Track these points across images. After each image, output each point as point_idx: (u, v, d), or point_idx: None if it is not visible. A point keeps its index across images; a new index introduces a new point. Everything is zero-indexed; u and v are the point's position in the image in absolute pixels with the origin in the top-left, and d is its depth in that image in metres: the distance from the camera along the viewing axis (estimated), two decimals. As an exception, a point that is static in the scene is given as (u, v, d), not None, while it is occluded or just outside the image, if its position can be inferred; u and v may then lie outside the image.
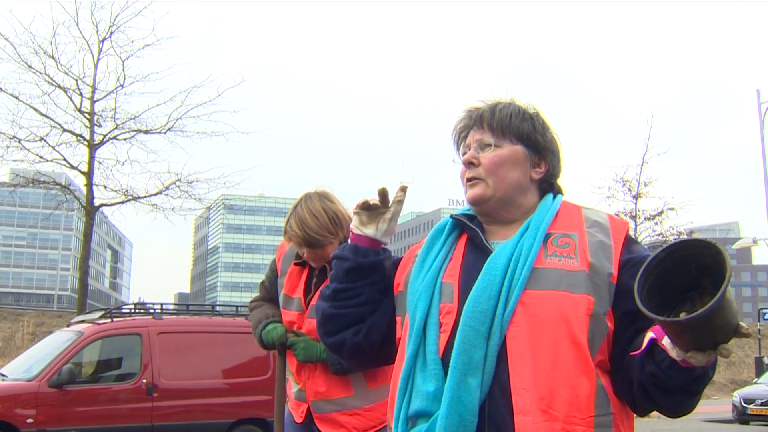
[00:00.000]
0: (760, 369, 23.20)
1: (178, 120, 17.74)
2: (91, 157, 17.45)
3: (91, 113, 17.45)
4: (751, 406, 16.24)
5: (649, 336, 1.49)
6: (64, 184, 19.17)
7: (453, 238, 1.77)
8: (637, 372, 1.52)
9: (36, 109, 16.93)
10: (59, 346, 8.68)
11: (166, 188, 17.82)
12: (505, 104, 1.78)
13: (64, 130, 17.24)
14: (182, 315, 10.48)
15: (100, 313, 9.47)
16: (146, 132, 17.75)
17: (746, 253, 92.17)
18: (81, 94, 17.37)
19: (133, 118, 17.71)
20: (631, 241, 1.68)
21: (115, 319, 9.21)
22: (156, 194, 17.90)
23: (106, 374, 9.03)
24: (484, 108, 1.78)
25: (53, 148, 17.20)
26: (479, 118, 1.77)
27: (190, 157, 42.90)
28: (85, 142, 17.46)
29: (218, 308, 11.88)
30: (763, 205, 20.78)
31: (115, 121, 17.72)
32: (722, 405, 19.57)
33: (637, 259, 1.61)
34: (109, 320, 9.10)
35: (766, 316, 27.52)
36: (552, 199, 1.74)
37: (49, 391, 8.04)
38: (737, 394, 17.17)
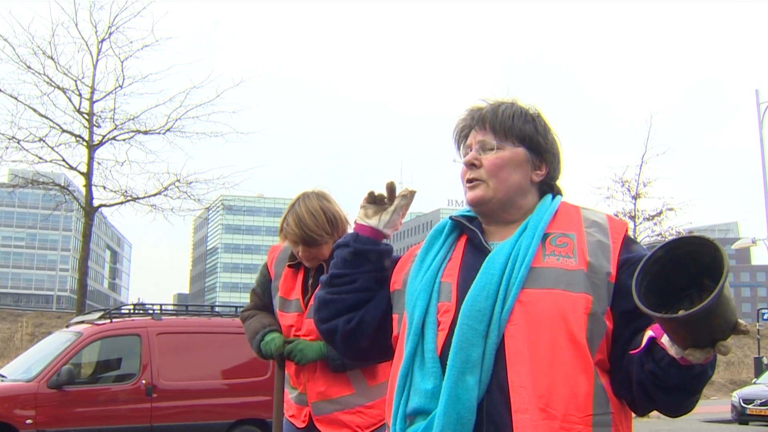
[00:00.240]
0: (759, 369, 23.16)
1: (177, 120, 17.79)
2: (90, 158, 17.46)
3: (90, 114, 17.45)
4: (750, 407, 16.24)
5: (648, 334, 1.48)
6: (63, 184, 19.16)
7: (452, 238, 1.77)
8: (636, 370, 1.52)
9: (35, 110, 16.97)
10: (58, 346, 8.67)
11: (165, 189, 17.85)
12: (508, 105, 1.77)
13: (63, 131, 17.26)
14: (181, 316, 10.46)
15: (100, 314, 9.46)
16: (145, 132, 17.77)
17: (745, 254, 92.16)
18: (80, 95, 17.39)
19: (132, 119, 17.74)
20: (630, 241, 1.68)
21: (115, 320, 9.21)
22: (155, 195, 17.95)
23: (106, 375, 9.02)
24: (487, 108, 1.77)
25: (52, 148, 17.23)
26: (481, 119, 1.76)
27: (189, 158, 42.90)
28: (84, 143, 17.47)
29: (217, 309, 11.85)
30: (762, 206, 20.77)
31: (114, 122, 17.75)
32: (721, 405, 19.57)
33: (635, 258, 1.61)
34: (109, 321, 9.10)
35: (765, 317, 27.48)
36: (551, 200, 1.74)
37: (49, 392, 8.03)
38: (736, 395, 17.16)
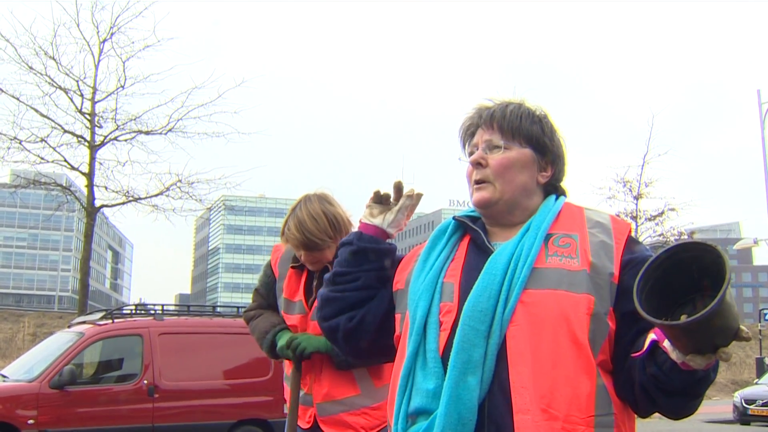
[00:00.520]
0: (761, 369, 23.12)
1: (178, 121, 17.83)
2: (92, 158, 17.48)
3: (92, 114, 17.48)
4: (752, 407, 16.21)
5: (651, 338, 1.48)
6: (64, 185, 19.21)
7: (455, 239, 1.77)
8: (638, 373, 1.51)
9: (37, 110, 16.99)
10: (60, 347, 8.68)
11: (167, 189, 17.88)
12: (516, 105, 1.76)
13: (65, 131, 17.29)
14: (183, 316, 10.49)
15: (101, 314, 9.47)
16: (147, 133, 17.79)
17: (747, 254, 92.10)
18: (82, 95, 17.42)
19: (134, 119, 17.78)
20: (633, 241, 1.67)
21: (116, 320, 9.22)
22: (157, 195, 17.99)
23: (107, 375, 9.02)
24: (495, 108, 1.77)
25: (54, 149, 17.28)
26: (489, 118, 1.75)
27: (191, 158, 43.09)
28: (86, 143, 17.49)
29: (219, 309, 11.87)
30: (764, 206, 20.73)
31: (115, 122, 17.80)
32: (723, 405, 19.53)
33: (638, 259, 1.61)
34: (110, 321, 9.11)
35: (767, 317, 27.44)
36: (554, 200, 1.74)
37: (50, 392, 8.04)
38: (738, 395, 17.13)
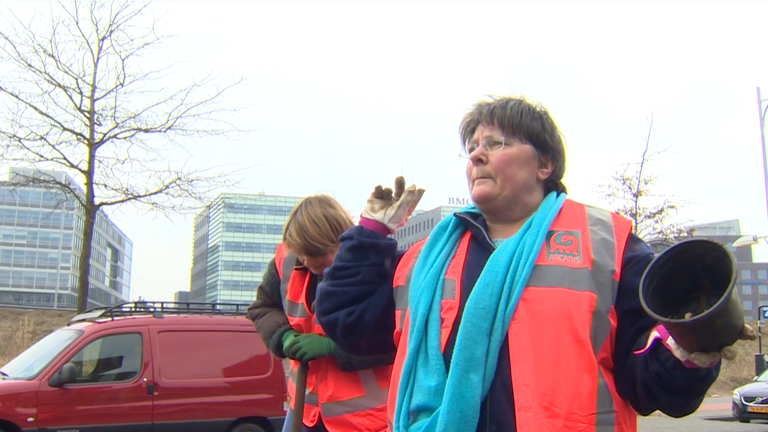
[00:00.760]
0: (761, 367, 23.16)
1: (178, 118, 17.76)
2: (91, 156, 17.45)
3: (91, 112, 17.44)
4: (751, 404, 16.22)
5: (654, 335, 1.48)
6: (64, 182, 19.17)
7: (456, 235, 1.77)
8: (641, 371, 1.51)
9: (36, 108, 16.94)
10: (60, 344, 8.68)
11: (166, 187, 17.84)
12: (516, 101, 1.76)
13: (64, 129, 17.25)
14: (183, 313, 10.48)
15: (101, 312, 9.49)
16: (146, 130, 17.75)
17: (746, 251, 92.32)
18: (81, 93, 17.37)
19: (133, 117, 17.73)
20: (634, 239, 1.67)
21: (116, 318, 9.22)
22: (156, 193, 17.93)
23: (107, 373, 9.04)
24: (495, 104, 1.76)
25: (53, 146, 17.22)
26: (489, 114, 1.75)
27: (190, 156, 42.99)
28: (85, 141, 17.46)
29: (218, 307, 11.89)
30: (764, 203, 20.74)
31: (115, 120, 17.74)
32: (723, 403, 19.56)
33: (640, 256, 1.61)
34: (110, 319, 9.12)
35: (767, 314, 27.46)
36: (555, 198, 1.74)
37: (50, 390, 8.04)
38: (738, 392, 17.13)
